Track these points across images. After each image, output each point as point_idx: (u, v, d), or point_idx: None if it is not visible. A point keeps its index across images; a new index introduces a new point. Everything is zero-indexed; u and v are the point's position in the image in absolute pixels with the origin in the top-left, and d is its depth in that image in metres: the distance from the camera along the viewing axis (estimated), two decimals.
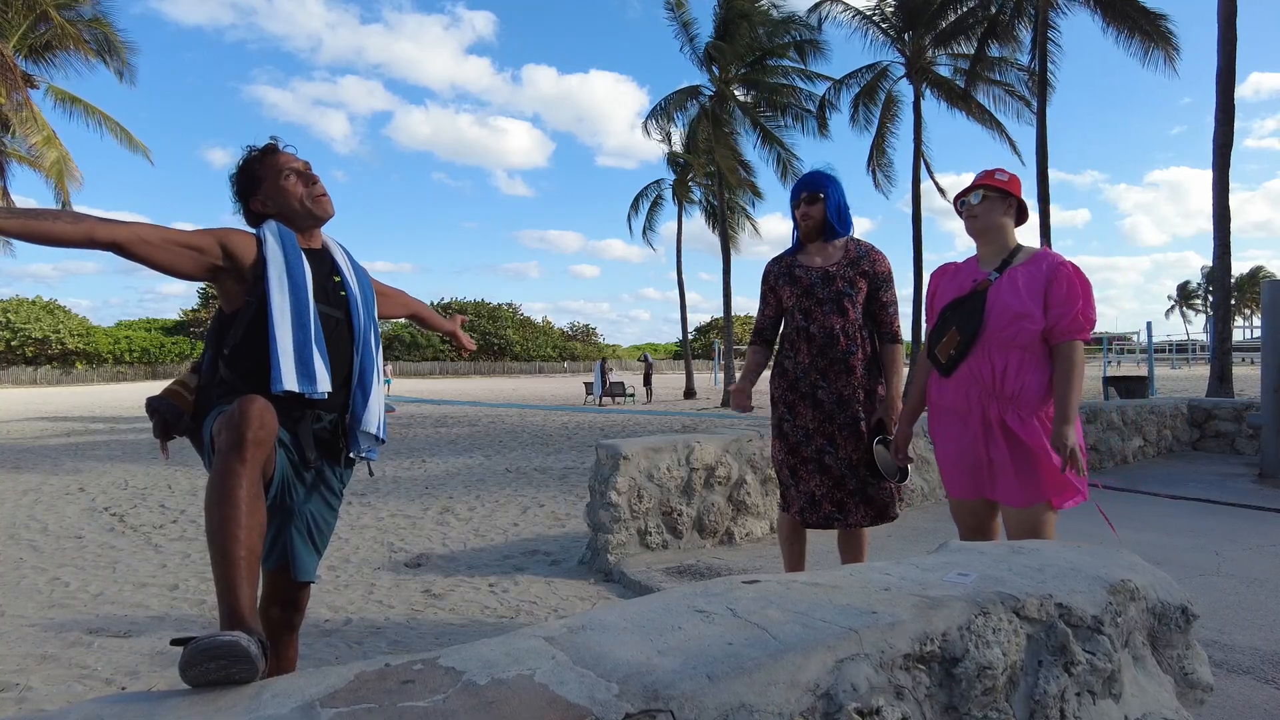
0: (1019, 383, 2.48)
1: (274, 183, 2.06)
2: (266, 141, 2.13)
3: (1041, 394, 2.47)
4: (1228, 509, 5.43)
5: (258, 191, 2.07)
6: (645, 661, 1.21)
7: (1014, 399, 2.48)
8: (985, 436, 2.53)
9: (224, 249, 1.93)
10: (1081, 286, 2.46)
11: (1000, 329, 2.49)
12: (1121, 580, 1.60)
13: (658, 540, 4.46)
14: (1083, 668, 1.46)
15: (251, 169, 2.08)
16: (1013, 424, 2.47)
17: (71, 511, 6.59)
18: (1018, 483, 2.48)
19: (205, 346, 2.04)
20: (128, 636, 3.36)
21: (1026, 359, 2.48)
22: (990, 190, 2.61)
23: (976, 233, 2.65)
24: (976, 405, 2.54)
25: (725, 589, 1.51)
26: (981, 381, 2.53)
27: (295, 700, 1.13)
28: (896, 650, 1.30)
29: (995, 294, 2.53)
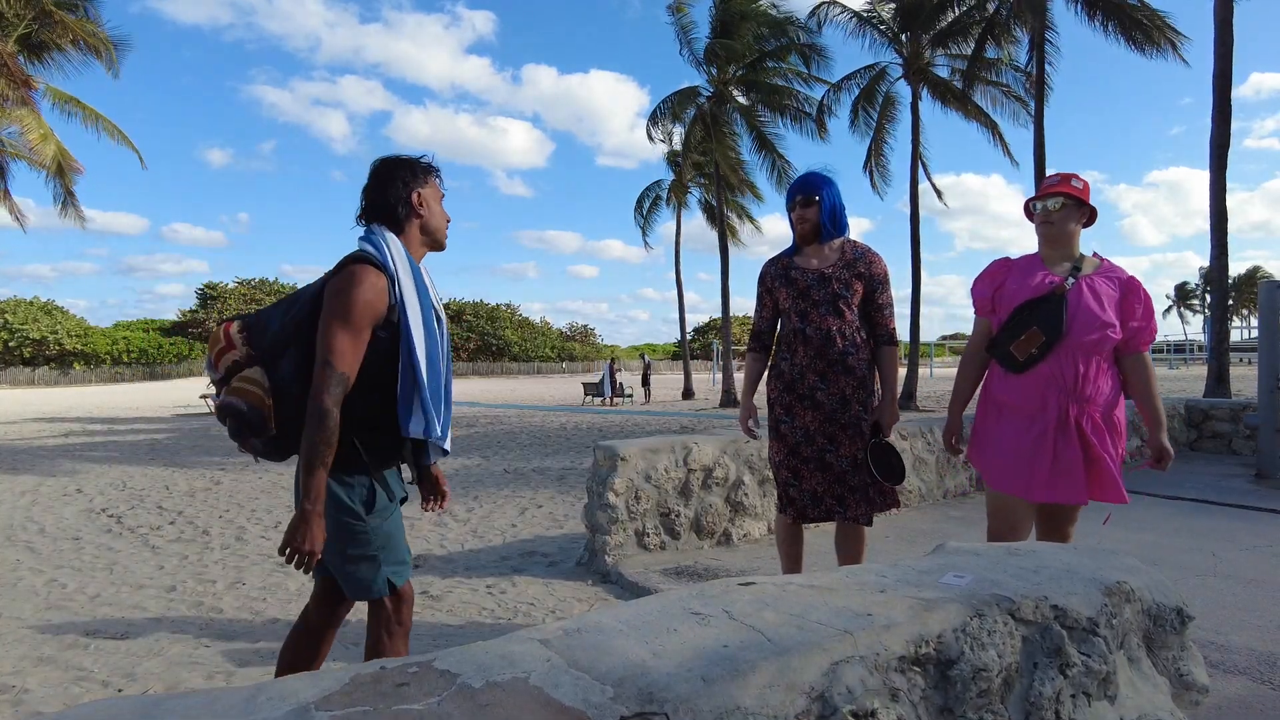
0: (1095, 387, 2.60)
1: (435, 201, 2.11)
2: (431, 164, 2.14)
3: (1111, 397, 2.62)
4: (1224, 509, 5.43)
5: (422, 190, 2.06)
6: (640, 664, 1.21)
7: (1090, 402, 2.60)
8: (1058, 435, 2.61)
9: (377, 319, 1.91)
10: (1151, 302, 2.67)
11: (1085, 334, 2.58)
12: (1117, 582, 1.61)
13: (655, 541, 4.46)
14: (1078, 669, 1.47)
15: (426, 171, 2.09)
16: (1086, 426, 2.59)
17: (69, 513, 6.59)
18: (1086, 479, 2.60)
19: (285, 352, 1.95)
20: (125, 638, 3.36)
21: (1102, 366, 2.62)
22: (1069, 198, 2.69)
23: (1050, 238, 2.73)
24: (1054, 405, 2.61)
25: (721, 591, 1.51)
26: (1063, 383, 2.61)
27: (290, 703, 1.13)
28: (891, 652, 1.31)
29: (1076, 300, 2.62)
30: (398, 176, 2.03)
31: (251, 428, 1.88)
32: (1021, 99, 19.78)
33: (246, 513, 6.45)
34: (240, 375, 1.92)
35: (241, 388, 1.90)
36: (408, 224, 2.04)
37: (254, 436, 1.91)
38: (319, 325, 1.86)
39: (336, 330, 1.83)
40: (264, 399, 1.90)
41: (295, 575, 4.43)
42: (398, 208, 2.02)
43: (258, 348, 1.97)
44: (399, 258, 1.96)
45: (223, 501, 7.04)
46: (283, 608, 3.81)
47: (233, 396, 1.88)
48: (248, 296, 65.58)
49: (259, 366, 1.94)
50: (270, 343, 1.97)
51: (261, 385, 1.91)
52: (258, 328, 2.00)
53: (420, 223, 2.06)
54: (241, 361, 1.94)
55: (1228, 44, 12.33)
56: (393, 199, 2.02)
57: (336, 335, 1.83)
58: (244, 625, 3.55)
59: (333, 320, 1.84)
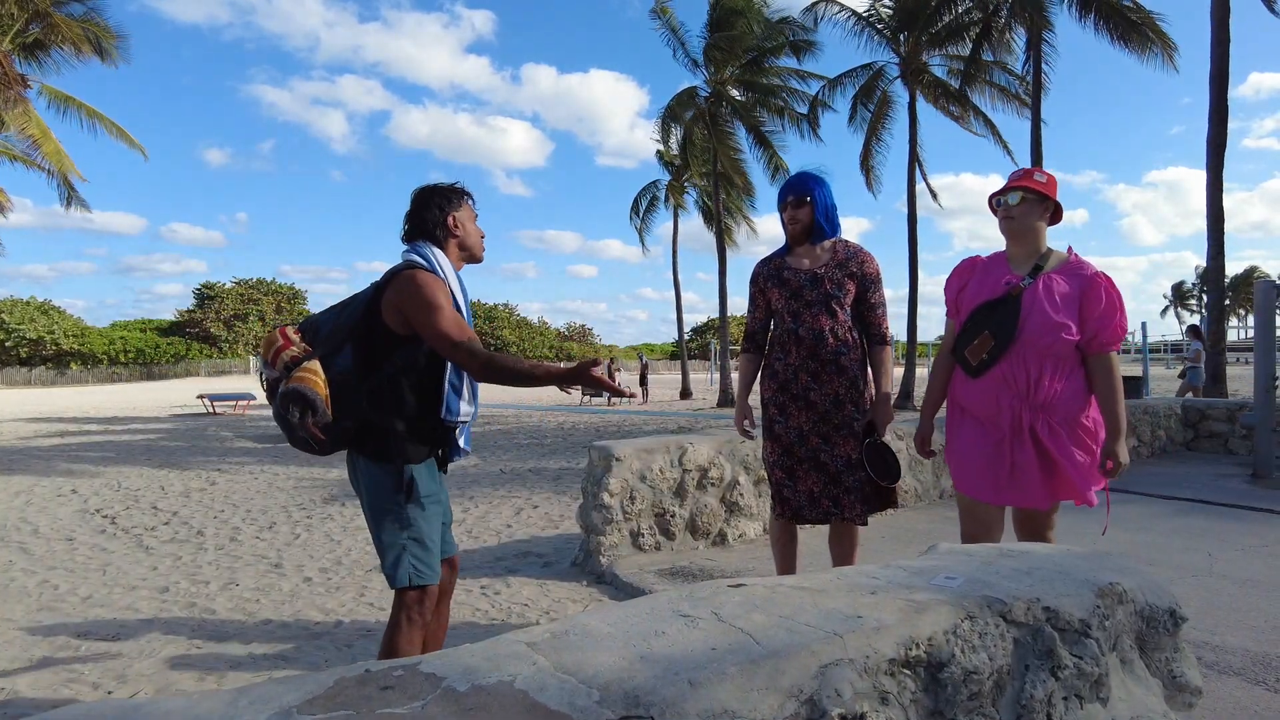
0: (1051, 391, 2.50)
1: (469, 221, 2.41)
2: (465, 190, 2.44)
3: (1070, 402, 2.51)
4: (1221, 509, 5.43)
5: (456, 213, 2.36)
6: (627, 667, 1.20)
7: (1045, 407, 2.51)
8: (1013, 440, 2.54)
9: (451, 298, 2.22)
10: (1118, 299, 2.52)
11: (1038, 337, 2.50)
12: (1110, 583, 1.60)
13: (650, 542, 4.45)
14: (1070, 672, 1.46)
15: (459, 197, 2.39)
16: (1041, 433, 2.51)
17: (63, 513, 6.56)
18: (1042, 486, 2.53)
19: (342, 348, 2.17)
20: (116, 640, 3.34)
21: (1059, 367, 2.51)
22: (1029, 192, 2.61)
23: (1012, 234, 2.66)
24: (1007, 410, 2.55)
25: (710, 593, 1.50)
26: (1014, 387, 2.54)
27: (272, 707, 1.12)
28: (881, 655, 1.29)
29: (1031, 300, 2.54)
30: (433, 203, 2.33)
31: (314, 411, 2.06)
32: (1021, 98, 19.79)
33: (241, 513, 6.43)
34: (303, 367, 2.10)
35: (304, 376, 2.08)
36: (446, 243, 2.33)
37: (315, 420, 2.07)
38: (422, 326, 2.11)
39: (434, 317, 2.10)
40: (323, 387, 2.09)
41: (289, 576, 4.42)
42: (435, 230, 2.32)
43: (312, 345, 2.20)
44: (445, 265, 2.27)
45: (218, 502, 7.02)
46: (276, 609, 3.79)
47: (298, 383, 2.06)
48: (245, 296, 65.49)
49: (317, 359, 2.14)
50: (325, 340, 2.19)
51: (321, 375, 2.10)
52: (310, 329, 2.25)
53: (457, 241, 2.36)
54: (299, 356, 2.14)
55: (1224, 43, 12.34)
56: (430, 223, 2.32)
57: (443, 322, 2.10)
58: (237, 626, 3.53)
59: (432, 314, 2.10)
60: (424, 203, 2.34)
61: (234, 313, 64.22)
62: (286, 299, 67.90)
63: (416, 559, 2.17)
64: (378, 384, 2.17)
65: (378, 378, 2.17)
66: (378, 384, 2.17)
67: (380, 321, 2.18)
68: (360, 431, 2.17)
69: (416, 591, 2.18)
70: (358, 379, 2.14)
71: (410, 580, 2.16)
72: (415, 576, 2.17)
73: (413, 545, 2.17)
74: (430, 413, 2.24)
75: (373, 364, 2.17)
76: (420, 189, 2.38)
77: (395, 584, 2.17)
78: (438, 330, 2.10)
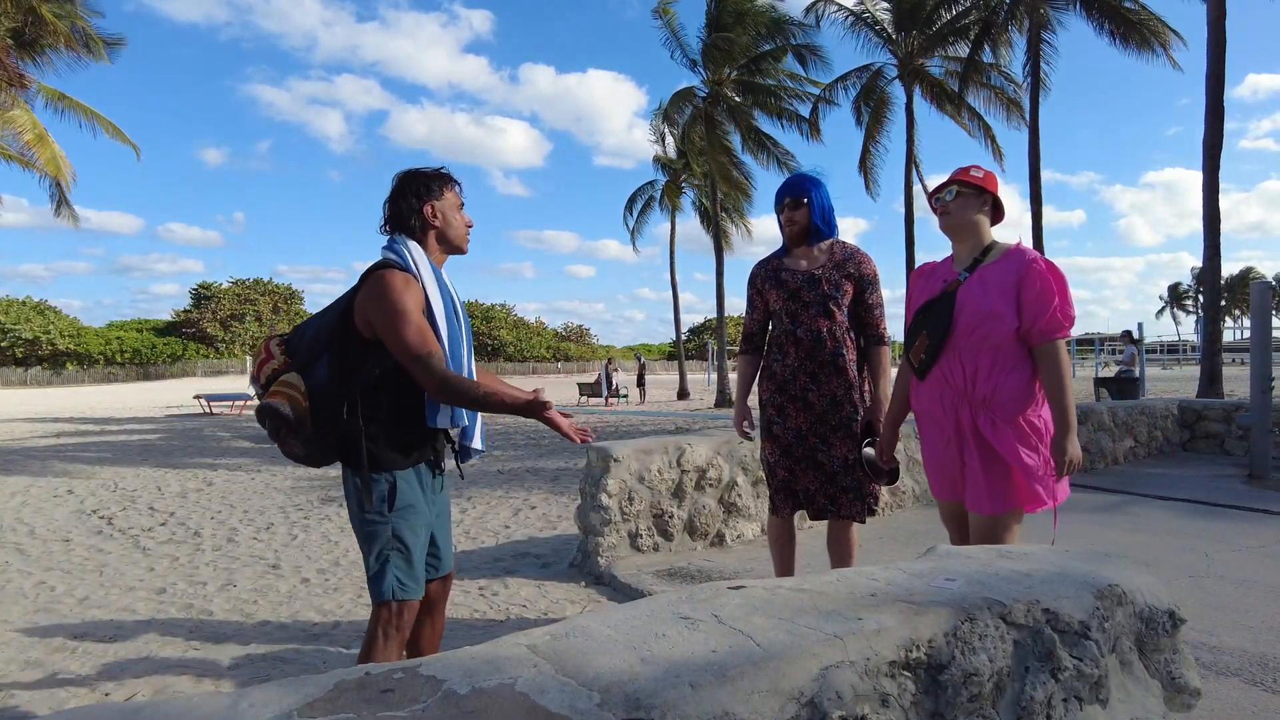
0: (990, 385, 2.40)
1: (452, 211, 2.24)
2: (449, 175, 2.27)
3: (1016, 397, 2.39)
4: (1217, 510, 5.44)
5: (436, 203, 2.19)
6: (628, 670, 1.20)
7: (986, 403, 2.41)
8: (958, 441, 2.48)
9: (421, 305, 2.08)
10: (1056, 282, 2.37)
11: (969, 331, 2.42)
12: (1109, 585, 1.60)
13: (648, 543, 4.44)
14: (1070, 673, 1.46)
15: (441, 183, 2.22)
16: (985, 429, 2.41)
17: (60, 514, 6.55)
18: (987, 489, 2.41)
19: (320, 357, 2.10)
20: (113, 641, 3.33)
21: (999, 361, 2.40)
22: (965, 186, 2.54)
23: (949, 230, 2.58)
24: (949, 409, 2.49)
25: (710, 595, 1.50)
26: (953, 385, 2.47)
27: (272, 710, 1.11)
28: (882, 657, 1.30)
29: (964, 294, 2.46)
30: (409, 191, 2.18)
31: (290, 427, 2.00)
32: (1015, 101, 19.84)
33: (239, 514, 6.42)
34: (281, 380, 2.06)
35: (280, 390, 2.03)
36: (424, 235, 2.18)
37: (293, 435, 2.03)
38: (385, 332, 2.00)
39: (396, 324, 1.98)
40: (300, 400, 2.03)
41: (287, 577, 4.41)
42: (410, 221, 2.17)
43: (294, 356, 2.13)
44: (421, 262, 2.12)
45: (215, 503, 7.00)
46: (273, 610, 3.78)
47: (272, 399, 2.02)
48: (242, 296, 65.37)
49: (295, 372, 2.09)
50: (305, 350, 2.12)
51: (298, 388, 2.04)
52: (294, 338, 2.18)
53: (436, 233, 2.20)
54: (279, 369, 2.10)
55: (1220, 43, 12.37)
56: (405, 213, 2.17)
57: (399, 328, 1.98)
58: (234, 627, 3.52)
59: (396, 320, 1.98)
60: (399, 192, 2.19)
61: (231, 313, 64.11)
62: (283, 299, 67.79)
63: (400, 571, 2.08)
64: (355, 392, 2.07)
65: (354, 386, 2.07)
66: (355, 392, 2.07)
67: (352, 326, 2.07)
68: (343, 440, 2.09)
69: (396, 605, 2.08)
70: (336, 388, 2.06)
71: (393, 594, 2.07)
72: (399, 590, 2.07)
73: (395, 557, 2.08)
74: (412, 419, 2.13)
75: (349, 372, 2.07)
76: (399, 174, 2.23)
77: (378, 597, 2.08)
78: (398, 339, 1.98)
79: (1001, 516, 2.42)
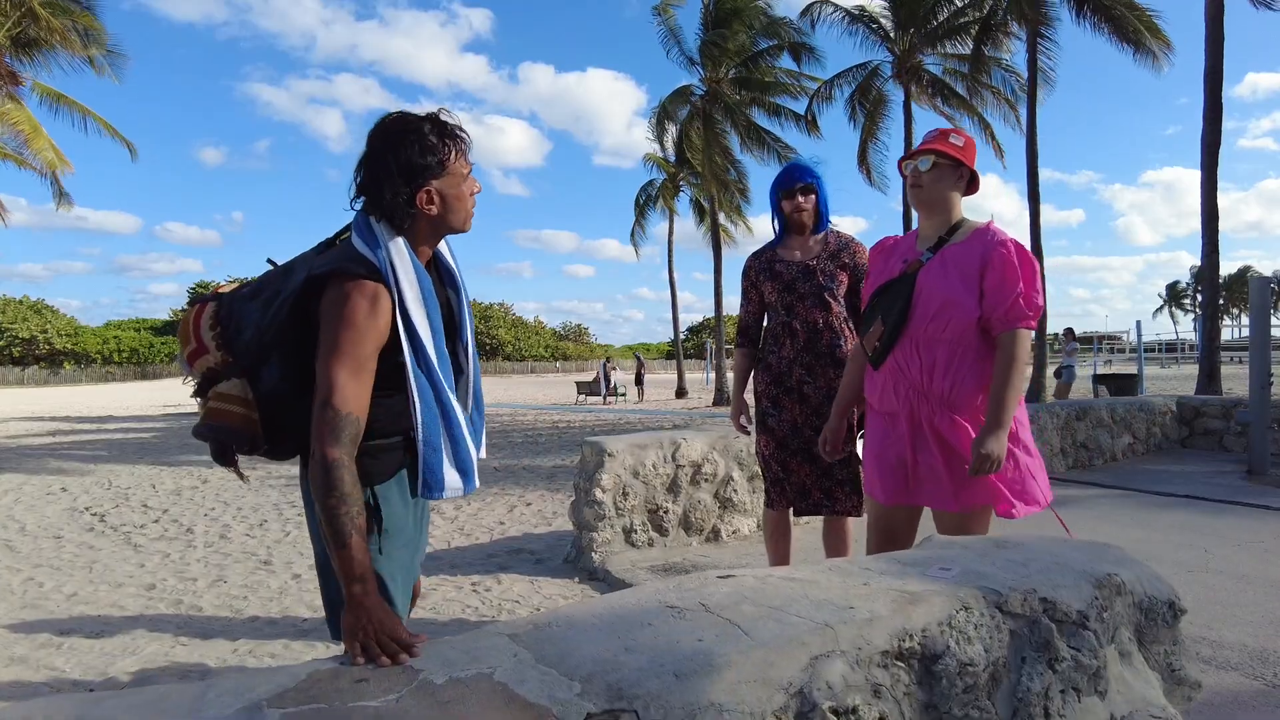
0: (949, 380, 2.18)
1: (456, 190, 1.66)
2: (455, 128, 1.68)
3: (977, 393, 2.19)
4: (1216, 506, 5.41)
5: (436, 183, 1.61)
6: (611, 659, 1.16)
7: (945, 399, 2.19)
8: (913, 439, 2.25)
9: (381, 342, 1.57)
10: (1023, 267, 2.15)
11: (927, 319, 2.20)
12: (1107, 575, 1.56)
13: (643, 538, 4.41)
14: (1067, 664, 1.42)
15: (443, 154, 1.63)
16: (943, 427, 2.20)
17: (52, 511, 6.50)
18: (951, 485, 2.20)
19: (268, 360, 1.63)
20: (100, 637, 3.29)
21: (959, 353, 2.18)
22: (943, 157, 2.27)
23: (920, 204, 2.33)
24: (904, 403, 2.26)
25: (699, 584, 1.46)
26: (909, 378, 2.24)
27: (241, 700, 1.07)
28: (874, 646, 1.26)
29: (924, 278, 2.23)
30: (397, 171, 1.57)
31: (239, 447, 1.63)
32: (1009, 100, 19.82)
33: (232, 511, 6.38)
34: (216, 391, 1.62)
35: (219, 408, 1.61)
36: (413, 224, 1.62)
37: (242, 453, 1.66)
38: (319, 357, 1.52)
39: (337, 365, 1.49)
40: (248, 415, 1.62)
41: (278, 573, 4.37)
42: (395, 212, 1.59)
43: (234, 353, 1.65)
44: (400, 268, 1.57)
45: (209, 500, 6.96)
46: (263, 606, 3.74)
47: (211, 420, 1.61)
48: None
49: (239, 379, 1.63)
50: (246, 347, 1.65)
51: (243, 399, 1.62)
52: (231, 326, 1.67)
53: (430, 220, 1.64)
54: (217, 369, 1.63)
55: (1218, 41, 12.34)
56: (388, 198, 1.57)
57: (338, 370, 1.49)
58: (223, 623, 3.48)
59: (333, 353, 1.50)
60: (384, 167, 1.58)
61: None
62: None
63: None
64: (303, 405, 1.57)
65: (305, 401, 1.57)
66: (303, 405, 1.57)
67: (315, 321, 1.57)
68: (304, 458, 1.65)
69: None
70: (293, 396, 1.61)
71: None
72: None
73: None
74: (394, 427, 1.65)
75: (307, 375, 1.57)
76: (382, 129, 1.61)
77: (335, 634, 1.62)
78: (326, 375, 1.49)
79: (970, 513, 2.22)
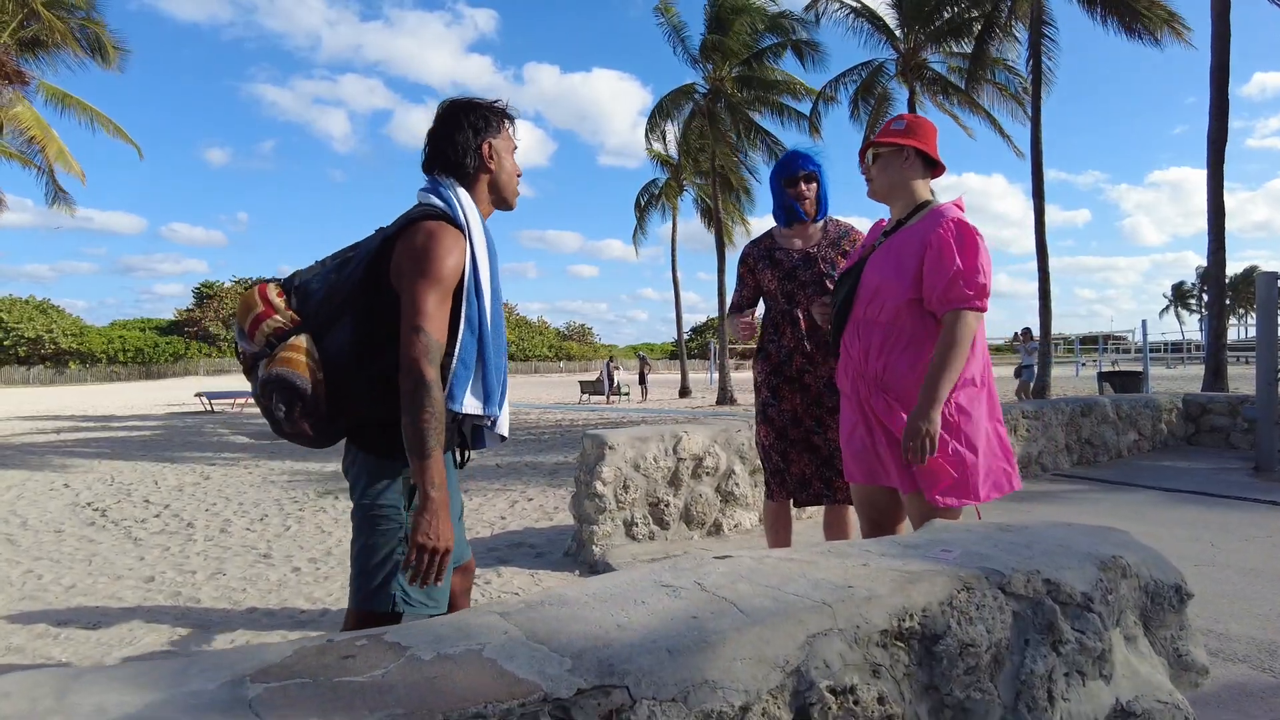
0: (882, 362, 2.19)
1: (508, 152, 1.89)
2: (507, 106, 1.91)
3: (914, 376, 2.15)
4: (1223, 501, 5.36)
5: (494, 141, 1.84)
6: (603, 636, 1.13)
7: (879, 380, 2.20)
8: (864, 420, 2.27)
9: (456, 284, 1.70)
10: (963, 246, 2.08)
11: (864, 303, 2.24)
12: (1113, 556, 1.53)
13: (644, 532, 4.38)
14: (1071, 647, 1.39)
15: (499, 119, 1.86)
16: (878, 409, 2.20)
17: (54, 506, 6.50)
18: (897, 468, 2.19)
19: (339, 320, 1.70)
20: (96, 628, 3.28)
21: (892, 335, 2.18)
22: (880, 146, 2.30)
23: (875, 197, 2.35)
24: (851, 386, 2.31)
25: (694, 564, 1.44)
26: (852, 361, 2.29)
27: (224, 675, 1.05)
28: (873, 626, 1.23)
29: (870, 262, 2.25)
30: (467, 123, 1.80)
31: (305, 405, 1.63)
32: (1017, 97, 19.74)
33: (234, 506, 6.37)
34: (286, 344, 1.66)
35: (290, 356, 1.63)
36: (476, 178, 1.83)
37: (305, 416, 1.64)
38: (405, 288, 1.63)
39: (428, 292, 1.61)
40: (315, 371, 1.65)
41: (277, 565, 4.35)
42: (466, 159, 1.80)
43: (304, 314, 1.73)
44: (472, 216, 1.76)
45: (210, 495, 6.95)
46: (262, 598, 3.72)
47: (282, 367, 1.62)
48: None
49: (307, 334, 1.68)
50: (317, 308, 1.73)
51: (312, 355, 1.66)
52: (299, 291, 1.76)
53: (489, 178, 1.84)
54: (285, 328, 1.69)
55: (1225, 36, 12.26)
56: (460, 149, 1.79)
57: (428, 297, 1.61)
58: (221, 615, 3.46)
59: (422, 281, 1.62)
60: (454, 122, 1.80)
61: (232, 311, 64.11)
62: None
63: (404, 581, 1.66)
64: (382, 369, 1.66)
65: (382, 361, 1.66)
66: (382, 369, 1.66)
67: (386, 284, 1.68)
68: (360, 422, 1.73)
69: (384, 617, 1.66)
70: (357, 362, 1.68)
71: (392, 607, 1.67)
72: (403, 603, 1.68)
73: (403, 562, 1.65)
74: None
75: (377, 342, 1.67)
76: (450, 102, 1.84)
77: (374, 604, 1.68)
78: (417, 303, 1.60)
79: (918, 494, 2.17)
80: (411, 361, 1.57)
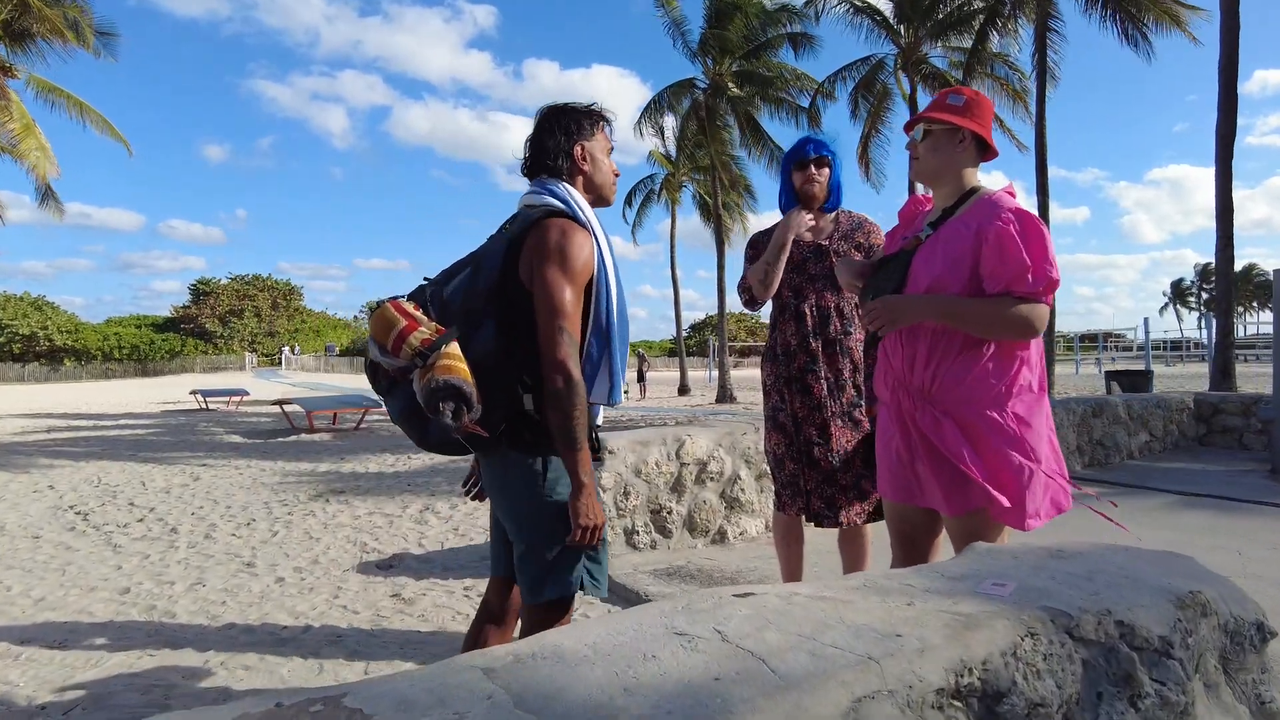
0: (930, 373, 1.93)
1: (603, 152, 1.98)
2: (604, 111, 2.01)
3: (960, 388, 1.90)
4: (1244, 506, 5.18)
5: (586, 143, 1.93)
6: (606, 704, 0.93)
7: (925, 393, 1.95)
8: (902, 434, 2.02)
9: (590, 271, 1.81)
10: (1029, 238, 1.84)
11: None
12: (1190, 592, 1.34)
13: (645, 540, 4.18)
14: (1151, 701, 1.19)
15: (593, 122, 1.96)
16: (924, 424, 1.94)
17: (35, 510, 6.29)
18: (941, 489, 1.94)
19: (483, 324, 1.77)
20: (62, 647, 3.07)
21: (940, 344, 1.93)
22: (934, 123, 2.03)
23: (920, 178, 2.10)
24: (891, 395, 2.06)
25: (713, 605, 1.24)
26: (893, 369, 2.04)
27: None
28: (928, 684, 1.03)
29: (918, 261, 1.98)
30: (559, 128, 1.92)
31: (471, 409, 1.66)
32: (1020, 93, 19.55)
33: (220, 510, 6.16)
34: (441, 353, 1.68)
35: (452, 365, 1.67)
36: (571, 180, 1.92)
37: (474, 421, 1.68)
38: (541, 284, 1.72)
39: (565, 289, 1.72)
40: (470, 375, 1.68)
41: (261, 576, 4.15)
42: (558, 160, 1.91)
43: (446, 323, 1.78)
44: (591, 215, 1.87)
45: (198, 498, 6.74)
46: (242, 612, 3.52)
47: (448, 375, 1.64)
48: (240, 292, 65.22)
49: (455, 341, 1.72)
50: (456, 316, 1.79)
51: (464, 359, 1.70)
52: (436, 302, 1.83)
53: (583, 179, 1.94)
54: (432, 338, 1.71)
55: (1234, 30, 12.06)
56: (552, 151, 1.91)
57: (566, 294, 1.72)
58: (196, 632, 3.26)
59: (560, 277, 1.72)
60: (547, 128, 1.92)
61: (229, 309, 63.94)
62: (282, 295, 67.66)
63: (591, 564, 1.85)
64: (523, 366, 1.76)
65: (523, 359, 1.76)
66: (523, 366, 1.76)
67: (516, 283, 1.77)
68: (511, 421, 1.78)
69: (569, 600, 1.84)
70: (504, 360, 1.75)
71: (584, 585, 1.84)
72: (591, 584, 1.85)
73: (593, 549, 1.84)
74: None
75: (518, 339, 1.76)
76: (545, 108, 1.96)
77: (565, 590, 1.81)
78: (556, 299, 1.70)
79: (969, 516, 1.93)
80: (560, 361, 1.69)
